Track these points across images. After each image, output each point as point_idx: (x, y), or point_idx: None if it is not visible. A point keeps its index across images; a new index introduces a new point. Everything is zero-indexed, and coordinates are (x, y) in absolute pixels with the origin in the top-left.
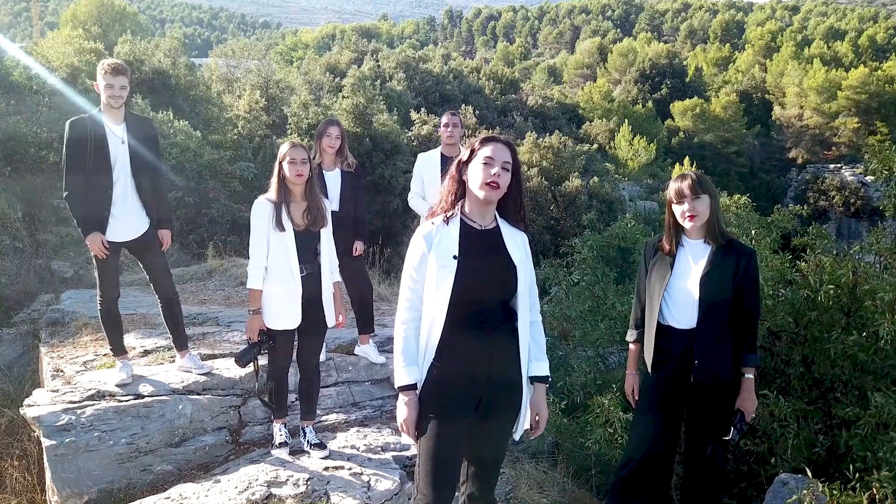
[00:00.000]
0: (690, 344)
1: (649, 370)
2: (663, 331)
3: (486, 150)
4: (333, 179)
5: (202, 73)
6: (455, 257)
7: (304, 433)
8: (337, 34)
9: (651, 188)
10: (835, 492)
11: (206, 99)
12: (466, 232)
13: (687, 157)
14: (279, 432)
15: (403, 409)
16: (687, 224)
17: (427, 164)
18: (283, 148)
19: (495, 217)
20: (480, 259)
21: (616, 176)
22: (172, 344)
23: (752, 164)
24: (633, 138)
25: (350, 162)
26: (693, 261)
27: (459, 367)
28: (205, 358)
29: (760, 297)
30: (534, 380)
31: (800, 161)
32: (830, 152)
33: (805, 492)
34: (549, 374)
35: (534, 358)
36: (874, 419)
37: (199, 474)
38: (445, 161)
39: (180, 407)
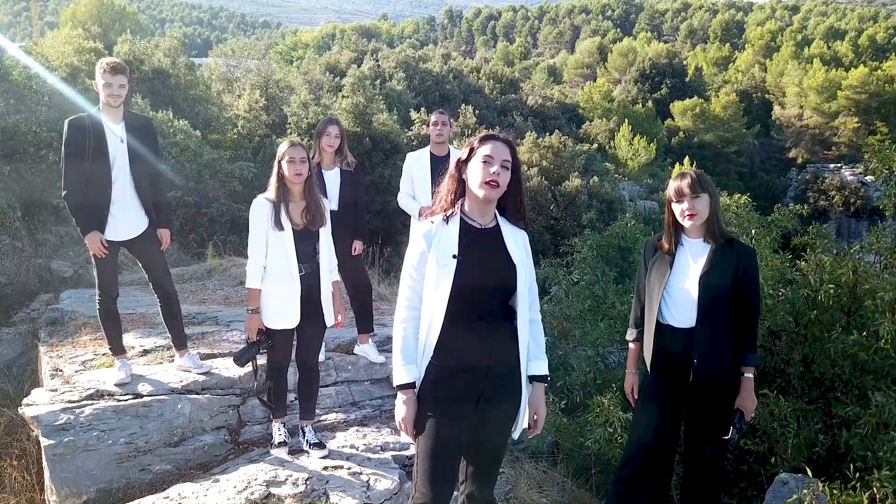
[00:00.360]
0: (689, 343)
1: (649, 369)
2: (663, 330)
3: (485, 149)
4: (333, 178)
5: (202, 73)
6: (455, 256)
7: (304, 433)
8: (337, 34)
9: (651, 188)
10: (835, 491)
11: (205, 98)
12: (466, 231)
13: (687, 157)
14: (278, 432)
15: (402, 407)
16: (686, 223)
17: (416, 164)
18: (282, 147)
19: (495, 215)
20: (480, 258)
21: (616, 176)
22: (171, 343)
23: (751, 164)
24: (633, 138)
25: (349, 161)
26: (692, 259)
27: (458, 365)
28: (204, 357)
29: (760, 297)
30: (533, 379)
31: (800, 161)
32: (830, 152)
33: (805, 491)
34: (548, 373)
35: (533, 357)
36: (874, 419)
37: (198, 474)
38: (435, 160)
39: (179, 406)
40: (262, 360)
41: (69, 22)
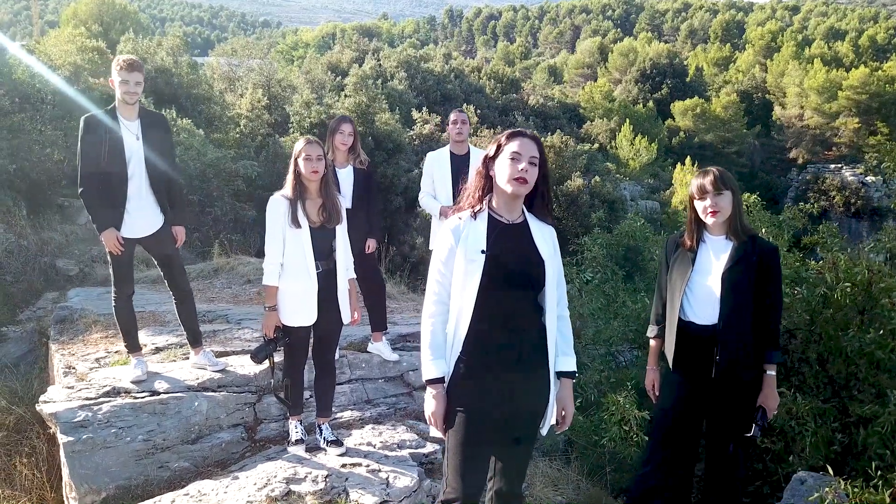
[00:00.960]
0: (712, 340)
1: (670, 366)
2: (684, 327)
3: (513, 146)
4: (346, 177)
5: (204, 72)
6: (483, 251)
7: (321, 430)
8: (337, 33)
9: (652, 188)
10: (856, 489)
11: (208, 97)
12: (494, 226)
13: (688, 158)
14: (295, 429)
15: (431, 402)
16: (709, 220)
17: (437, 163)
18: (299, 144)
19: (523, 211)
20: (508, 253)
21: (617, 175)
22: (185, 341)
23: (752, 164)
24: (634, 138)
25: (362, 159)
26: (715, 256)
27: (486, 361)
28: (217, 355)
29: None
30: (560, 375)
31: (800, 161)
32: (831, 152)
33: (827, 489)
34: (576, 369)
35: (560, 353)
36: (894, 417)
37: (216, 471)
38: (455, 159)
39: (196, 404)
40: (277, 357)
41: (71, 21)
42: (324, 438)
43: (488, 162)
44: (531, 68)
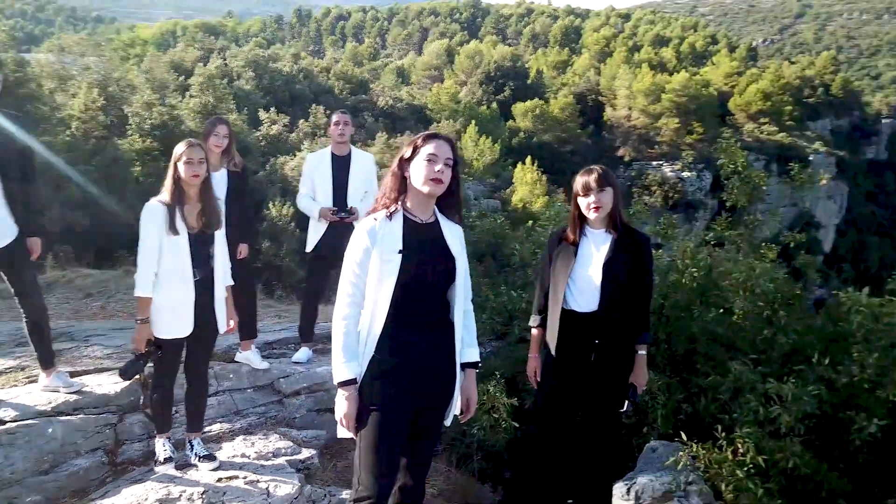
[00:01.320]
0: (592, 326)
1: (553, 353)
2: (567, 315)
3: (430, 148)
4: (219, 180)
5: (31, 69)
6: (400, 251)
7: (192, 446)
8: (178, 30)
9: (494, 187)
10: (704, 451)
11: (36, 97)
12: (409, 226)
13: (529, 157)
14: (163, 447)
15: (343, 403)
16: (592, 215)
17: (318, 164)
18: (179, 147)
19: (434, 211)
20: (423, 252)
21: (462, 176)
22: (25, 363)
23: (585, 163)
24: (478, 139)
25: (237, 162)
26: (595, 248)
27: (400, 359)
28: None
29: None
30: (465, 366)
31: (626, 158)
32: (654, 150)
33: (681, 453)
34: (479, 359)
35: (465, 345)
36: (734, 385)
37: (74, 502)
38: (336, 160)
39: (50, 430)
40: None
41: None
42: (195, 454)
43: (403, 163)
44: (380, 69)
